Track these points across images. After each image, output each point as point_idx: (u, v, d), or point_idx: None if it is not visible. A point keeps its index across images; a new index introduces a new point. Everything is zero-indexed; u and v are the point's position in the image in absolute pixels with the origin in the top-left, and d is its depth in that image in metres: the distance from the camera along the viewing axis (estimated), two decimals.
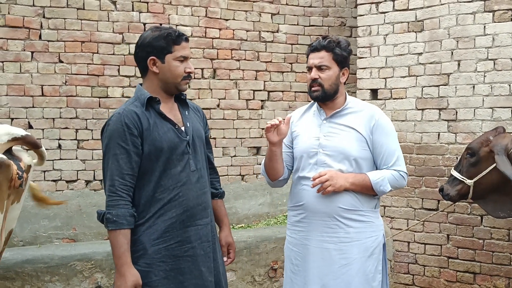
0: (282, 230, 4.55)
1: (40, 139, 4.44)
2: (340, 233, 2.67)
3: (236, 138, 5.22)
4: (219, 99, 5.15)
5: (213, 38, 5.10)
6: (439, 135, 4.60)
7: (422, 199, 4.70)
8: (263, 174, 2.89)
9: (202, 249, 2.48)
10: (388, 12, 4.85)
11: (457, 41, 4.49)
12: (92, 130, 4.66)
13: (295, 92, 5.45)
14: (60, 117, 4.58)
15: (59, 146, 4.58)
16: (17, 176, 2.77)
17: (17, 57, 4.45)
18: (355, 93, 5.00)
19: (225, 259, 2.70)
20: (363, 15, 4.99)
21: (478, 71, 4.41)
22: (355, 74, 4.98)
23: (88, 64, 4.65)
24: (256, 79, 5.30)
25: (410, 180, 4.54)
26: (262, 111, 5.32)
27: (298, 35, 5.46)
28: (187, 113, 2.55)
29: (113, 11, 4.73)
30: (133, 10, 4.79)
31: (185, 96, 2.59)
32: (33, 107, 4.50)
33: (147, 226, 2.40)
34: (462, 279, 4.52)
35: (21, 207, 3.18)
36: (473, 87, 4.44)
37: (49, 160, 4.53)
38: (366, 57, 4.96)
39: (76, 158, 4.63)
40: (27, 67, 4.47)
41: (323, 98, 2.73)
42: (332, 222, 2.67)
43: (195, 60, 4.92)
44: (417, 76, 4.70)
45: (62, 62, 4.58)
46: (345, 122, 2.72)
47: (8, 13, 4.40)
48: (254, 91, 5.29)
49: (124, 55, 4.76)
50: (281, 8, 5.38)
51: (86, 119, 4.65)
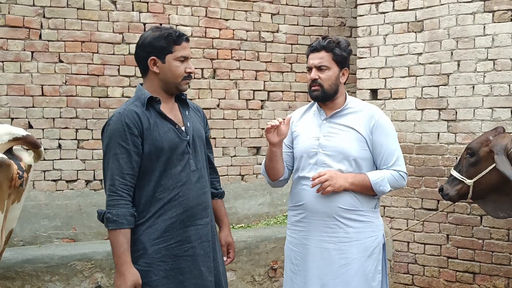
0: (282, 230, 4.55)
1: (40, 139, 4.45)
2: (340, 233, 2.67)
3: (236, 138, 5.22)
4: (219, 99, 5.15)
5: (213, 38, 5.11)
6: (439, 135, 4.61)
7: (422, 199, 4.71)
8: (264, 174, 2.90)
9: (202, 249, 2.48)
10: (388, 12, 4.86)
11: (457, 41, 4.49)
12: (92, 130, 4.66)
13: (295, 92, 5.45)
14: (60, 117, 4.58)
15: (59, 146, 4.59)
16: (18, 176, 2.77)
17: (17, 57, 4.45)
18: (355, 93, 5.00)
19: (225, 259, 2.71)
20: (363, 15, 4.99)
21: (478, 71, 4.41)
22: (355, 74, 4.98)
23: (88, 64, 4.66)
24: (256, 79, 5.30)
25: (410, 180, 4.54)
26: (262, 111, 5.32)
27: (298, 35, 5.46)
28: (188, 113, 2.56)
29: (113, 11, 4.73)
30: (133, 10, 4.79)
31: (186, 96, 2.59)
32: (33, 107, 4.50)
33: (147, 226, 2.40)
34: (462, 279, 4.53)
35: (21, 207, 3.18)
36: (473, 87, 4.44)
37: (49, 160, 4.54)
38: (366, 57, 4.97)
39: (76, 158, 4.63)
40: (27, 67, 4.47)
41: (323, 98, 2.74)
42: (332, 222, 2.67)
43: (195, 60, 4.92)
44: (417, 76, 4.71)
45: (62, 62, 4.58)
46: (345, 122, 2.73)
47: (8, 13, 4.40)
48: (254, 91, 5.30)
49: (124, 55, 4.77)
50: (281, 8, 5.39)
51: (86, 119, 4.65)
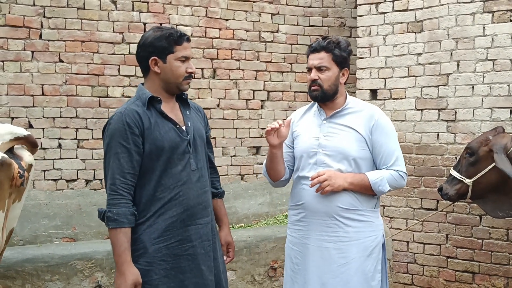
0: (282, 230, 4.56)
1: (40, 139, 4.46)
2: (339, 233, 2.68)
3: (236, 138, 5.23)
4: (219, 99, 5.15)
5: (213, 38, 5.11)
6: (438, 135, 4.61)
7: (421, 199, 4.71)
8: (265, 175, 2.91)
9: (203, 248, 2.49)
10: (388, 13, 4.86)
11: (457, 42, 4.50)
12: (92, 130, 4.66)
13: (295, 92, 5.45)
14: (60, 117, 4.58)
15: (59, 146, 4.59)
16: (19, 175, 2.78)
17: (18, 57, 4.45)
18: (355, 93, 5.01)
19: (225, 258, 2.72)
20: (363, 16, 5.00)
21: (477, 72, 4.42)
22: (355, 74, 4.99)
23: (88, 64, 4.66)
24: (256, 79, 5.30)
25: (409, 180, 4.55)
26: (262, 111, 5.32)
27: (298, 35, 5.47)
28: (188, 113, 2.56)
29: (114, 11, 4.74)
30: (134, 10, 4.79)
31: (187, 96, 2.60)
32: (33, 107, 4.50)
33: (148, 225, 2.41)
34: (461, 279, 4.54)
35: (22, 206, 3.19)
36: (472, 88, 4.45)
37: (49, 160, 4.55)
38: (366, 58, 4.97)
39: (76, 158, 4.64)
40: (28, 67, 4.48)
41: (323, 99, 2.74)
42: (331, 222, 2.68)
43: (195, 60, 4.92)
44: (417, 77, 4.71)
45: (63, 62, 4.59)
46: (345, 122, 2.73)
47: (9, 13, 4.41)
48: (254, 91, 5.30)
49: (124, 55, 4.77)
50: (281, 8, 5.39)
51: (86, 119, 4.65)
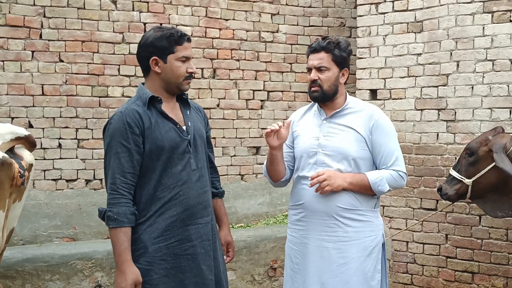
0: (282, 230, 4.56)
1: (40, 138, 4.47)
2: (339, 232, 2.68)
3: (236, 138, 5.23)
4: (219, 99, 5.16)
5: (213, 38, 5.12)
6: (438, 135, 4.62)
7: (421, 199, 4.72)
8: (266, 175, 2.92)
9: (203, 248, 2.49)
10: (388, 13, 4.87)
11: (456, 42, 4.50)
12: (92, 130, 4.67)
13: (295, 92, 5.45)
14: (60, 116, 4.59)
15: (59, 145, 4.59)
16: (19, 175, 2.78)
17: (18, 56, 4.45)
18: (355, 93, 5.01)
19: (224, 258, 2.72)
20: (363, 16, 5.00)
21: (477, 72, 4.42)
22: (355, 75, 4.99)
23: (89, 64, 4.66)
24: (256, 79, 5.31)
25: (409, 180, 4.55)
26: (262, 111, 5.32)
27: (298, 35, 5.47)
28: (189, 113, 2.57)
29: (114, 11, 4.74)
30: (134, 10, 4.80)
31: (187, 96, 2.60)
32: (34, 106, 4.51)
33: (148, 225, 2.41)
34: (461, 279, 4.54)
35: (22, 206, 3.19)
36: (472, 88, 4.45)
37: (49, 159, 4.55)
38: (366, 58, 4.98)
39: (76, 157, 4.64)
40: (28, 66, 4.48)
41: (322, 99, 2.75)
42: (331, 221, 2.68)
43: (195, 60, 4.92)
44: (416, 77, 4.72)
45: (63, 62, 4.59)
46: (345, 122, 2.74)
47: (9, 12, 4.41)
48: (254, 91, 5.30)
49: (124, 55, 4.77)
50: (281, 8, 5.40)
51: (86, 119, 4.66)
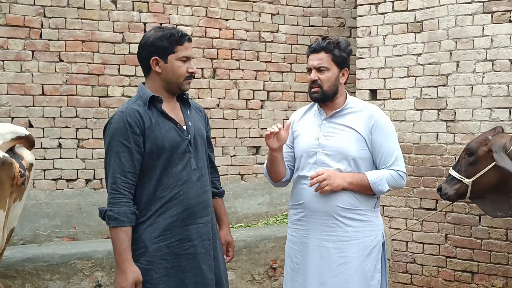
0: (282, 229, 4.56)
1: (41, 138, 4.47)
2: (339, 232, 2.68)
3: (236, 138, 5.23)
4: (219, 99, 5.16)
5: (213, 38, 5.12)
6: (438, 135, 4.62)
7: (421, 199, 4.72)
8: (266, 176, 2.92)
9: (203, 247, 2.50)
10: (388, 13, 4.87)
11: (456, 42, 4.51)
12: (92, 129, 4.67)
13: (295, 92, 5.46)
14: (61, 116, 4.59)
15: (59, 145, 4.59)
16: (20, 174, 2.78)
17: (18, 56, 4.46)
18: (354, 93, 5.01)
19: (224, 258, 2.72)
20: (363, 16, 5.00)
21: (477, 72, 4.43)
22: (355, 75, 5.00)
23: (89, 63, 4.66)
24: (256, 79, 5.31)
25: (409, 180, 4.56)
26: (262, 111, 5.33)
27: (298, 35, 5.48)
28: (189, 112, 2.57)
29: (114, 11, 4.74)
30: (134, 10, 4.80)
31: (187, 96, 2.61)
32: (34, 106, 4.51)
33: (148, 224, 2.41)
34: (460, 279, 4.54)
35: (23, 206, 3.19)
36: (472, 88, 4.46)
37: (49, 159, 4.55)
38: (366, 58, 4.98)
39: (76, 157, 4.64)
40: (28, 66, 4.48)
41: (323, 99, 2.75)
42: (331, 221, 2.69)
43: (195, 60, 4.92)
44: (416, 77, 4.72)
45: (63, 61, 4.59)
46: (345, 122, 2.74)
47: (9, 12, 4.41)
48: (254, 91, 5.31)
49: (125, 55, 4.78)
50: (281, 9, 5.40)
51: (86, 118, 4.66)
